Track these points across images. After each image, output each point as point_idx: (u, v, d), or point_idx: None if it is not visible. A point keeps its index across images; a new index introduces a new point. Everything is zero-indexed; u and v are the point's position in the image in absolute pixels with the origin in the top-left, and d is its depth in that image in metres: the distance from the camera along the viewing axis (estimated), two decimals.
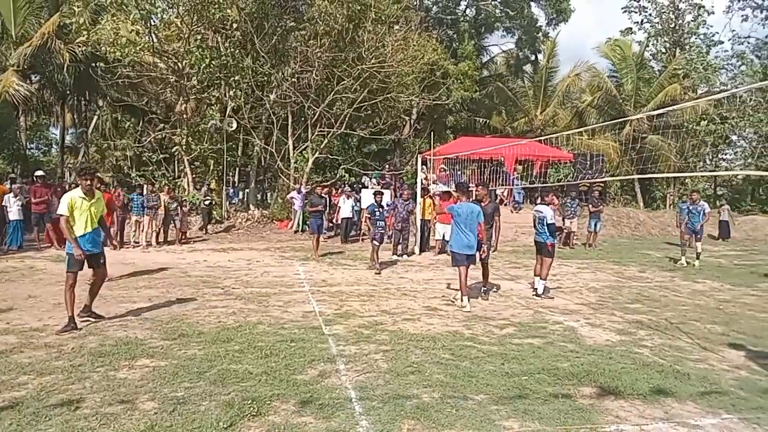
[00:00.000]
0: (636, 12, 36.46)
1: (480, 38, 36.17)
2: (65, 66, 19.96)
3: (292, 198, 18.68)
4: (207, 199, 18.14)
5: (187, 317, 7.01)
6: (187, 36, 18.82)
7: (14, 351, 5.48)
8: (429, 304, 8.22)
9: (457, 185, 9.25)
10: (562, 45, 55.21)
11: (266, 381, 4.78)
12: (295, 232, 18.14)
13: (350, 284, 9.84)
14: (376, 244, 11.65)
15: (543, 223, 8.85)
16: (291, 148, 20.90)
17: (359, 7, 19.53)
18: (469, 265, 8.19)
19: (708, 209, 13.56)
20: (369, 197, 14.23)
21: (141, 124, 25.96)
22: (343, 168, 21.49)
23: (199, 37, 19.29)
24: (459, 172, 20.36)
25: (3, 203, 13.29)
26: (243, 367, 5.13)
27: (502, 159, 22.61)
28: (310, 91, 19.85)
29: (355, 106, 20.10)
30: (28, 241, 13.72)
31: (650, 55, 35.95)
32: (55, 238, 13.56)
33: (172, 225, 15.67)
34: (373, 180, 21.36)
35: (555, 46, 32.68)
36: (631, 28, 36.73)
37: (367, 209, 12.58)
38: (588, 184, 18.44)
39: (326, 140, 20.73)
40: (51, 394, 4.40)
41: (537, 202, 9.82)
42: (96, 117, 30.74)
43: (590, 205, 16.68)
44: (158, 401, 4.32)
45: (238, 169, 25.67)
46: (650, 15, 36.08)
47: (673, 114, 28.06)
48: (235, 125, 20.09)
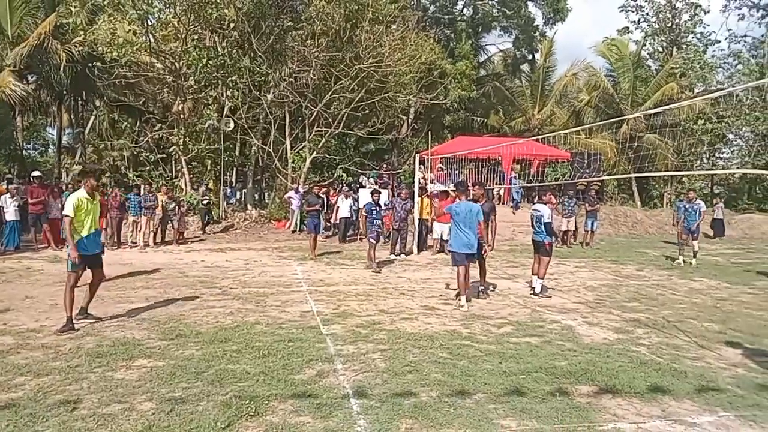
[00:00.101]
0: (633, 11, 36.54)
1: (477, 38, 36.17)
2: (62, 66, 19.91)
3: (289, 198, 18.66)
4: (205, 199, 18.11)
5: (185, 317, 7.00)
6: (184, 36, 18.79)
7: (11, 352, 5.48)
8: (427, 304, 8.22)
9: (457, 184, 9.25)
10: (559, 44, 55.19)
11: (264, 381, 4.78)
12: (293, 231, 18.14)
13: (348, 284, 9.84)
14: (372, 242, 11.67)
15: (540, 222, 8.86)
16: (288, 147, 20.88)
17: (356, 7, 19.51)
18: (470, 265, 8.18)
19: (704, 208, 13.63)
20: (366, 197, 14.24)
21: (138, 124, 25.91)
22: (341, 168, 21.48)
23: (196, 37, 19.25)
24: (456, 172, 20.36)
25: (0, 204, 13.30)
26: (241, 367, 5.12)
27: (500, 158, 22.65)
28: (308, 91, 19.84)
29: (352, 105, 20.10)
30: (25, 242, 13.68)
31: (647, 54, 36.01)
32: (52, 239, 13.55)
33: (169, 225, 15.66)
34: (371, 180, 21.35)
35: (552, 46, 32.73)
36: (628, 28, 36.82)
37: (364, 208, 12.59)
38: (585, 183, 18.46)
39: (324, 140, 20.72)
40: (48, 395, 4.40)
41: (534, 201, 9.82)
42: (93, 117, 30.71)
43: (587, 204, 16.70)
44: (156, 401, 4.31)
45: (235, 169, 25.67)
46: (647, 14, 36.15)
47: (670, 113, 28.12)
48: (232, 125, 20.07)
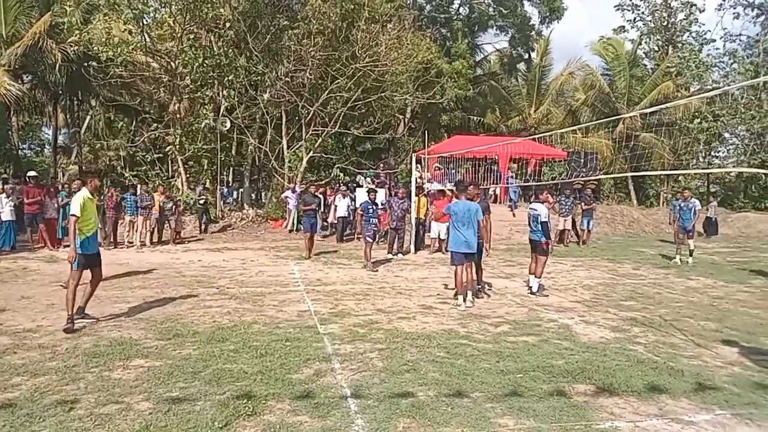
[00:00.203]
0: (629, 10, 36.63)
1: (473, 37, 36.19)
2: (57, 66, 19.85)
3: (286, 197, 18.65)
4: (201, 199, 18.07)
5: (182, 317, 6.99)
6: (179, 35, 18.74)
7: (7, 352, 5.46)
8: (424, 303, 8.22)
9: (456, 184, 9.24)
10: (556, 43, 55.50)
11: (261, 380, 4.77)
12: (290, 231, 18.12)
13: (345, 283, 9.83)
14: (369, 241, 11.68)
15: (537, 222, 8.87)
16: (285, 147, 20.85)
17: (353, 6, 19.50)
18: (471, 264, 8.13)
19: (699, 207, 13.69)
20: (364, 196, 14.25)
21: (134, 123, 25.90)
22: (338, 167, 21.47)
23: (192, 36, 19.20)
24: (453, 171, 20.37)
25: None
26: (238, 366, 5.12)
27: (496, 157, 22.69)
28: (304, 90, 19.80)
29: (349, 105, 20.08)
30: (21, 242, 13.63)
31: (643, 53, 36.10)
32: (48, 239, 13.50)
33: (166, 225, 15.62)
34: (368, 179, 21.34)
35: (548, 45, 32.79)
36: (624, 27, 36.89)
37: (360, 206, 12.60)
38: (582, 182, 18.49)
39: (320, 139, 20.70)
40: (45, 395, 4.38)
41: (531, 201, 9.83)
42: (89, 117, 30.62)
43: (582, 203, 16.73)
44: (153, 401, 4.30)
45: (232, 168, 25.62)
46: (643, 13, 36.25)
47: (666, 112, 28.20)
48: (228, 125, 20.03)
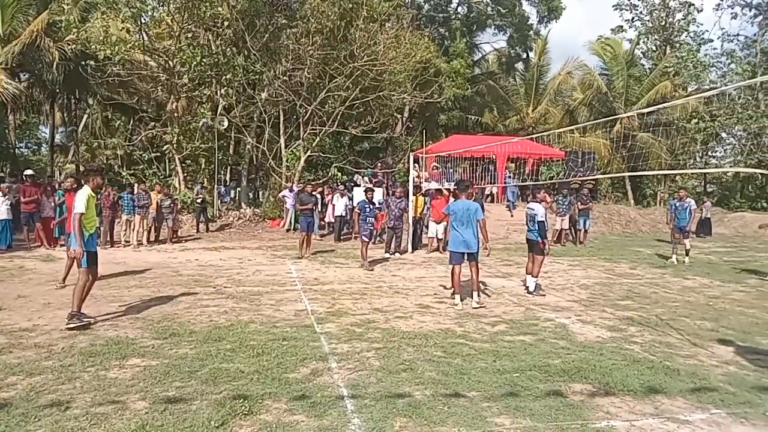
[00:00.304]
0: (627, 10, 36.64)
1: (472, 36, 36.20)
2: (54, 64, 19.79)
3: (284, 196, 18.65)
4: (199, 198, 18.05)
5: (179, 316, 6.98)
6: (177, 34, 18.71)
7: (3, 351, 5.44)
8: (421, 302, 8.23)
9: (457, 183, 9.23)
10: (554, 43, 55.41)
11: (258, 380, 4.77)
12: (288, 230, 18.12)
13: (342, 282, 9.83)
14: (365, 240, 11.68)
15: (534, 221, 8.87)
16: (283, 146, 20.85)
17: (351, 5, 19.49)
18: (473, 263, 8.07)
19: (694, 206, 13.75)
20: (361, 195, 14.26)
21: (131, 122, 25.84)
22: (335, 166, 21.46)
23: (190, 35, 19.17)
24: (451, 170, 20.37)
25: None
26: (235, 366, 5.11)
27: (494, 157, 22.69)
28: (302, 89, 19.80)
29: (347, 104, 20.08)
30: (18, 241, 13.59)
31: (641, 53, 36.13)
32: (45, 238, 13.47)
33: (163, 224, 15.59)
34: (366, 178, 21.35)
35: (546, 44, 32.81)
36: (622, 26, 36.92)
37: (357, 205, 12.60)
38: (579, 182, 18.52)
39: (318, 138, 20.69)
40: (41, 395, 4.37)
41: (529, 200, 9.85)
42: (86, 115, 30.56)
43: (579, 203, 16.76)
44: (149, 401, 4.30)
45: (229, 167, 25.62)
46: (641, 13, 36.26)
47: (663, 112, 28.24)
48: (226, 123, 20.02)
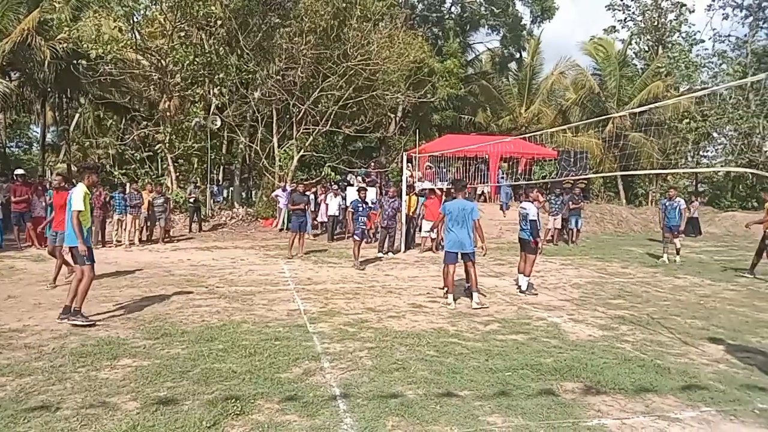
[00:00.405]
0: (620, 10, 36.80)
1: (465, 36, 36.29)
2: (46, 63, 19.62)
3: (276, 196, 18.60)
4: (192, 197, 17.98)
5: (171, 316, 6.95)
6: (170, 33, 18.63)
7: None
8: (414, 301, 8.23)
9: (454, 182, 9.23)
10: (547, 43, 55.73)
11: (250, 380, 4.76)
12: (281, 230, 18.08)
13: (335, 282, 9.82)
14: (357, 239, 11.67)
15: (526, 220, 8.90)
16: (276, 145, 20.80)
17: (344, 4, 19.48)
18: (470, 263, 8.06)
19: (684, 206, 13.85)
20: (354, 195, 14.26)
21: (124, 121, 25.69)
22: (329, 166, 21.44)
23: (183, 34, 19.08)
24: (444, 170, 20.41)
25: None
26: (227, 366, 5.10)
27: (487, 156, 22.74)
28: (295, 89, 19.76)
29: (340, 103, 20.06)
30: (8, 241, 13.49)
31: (633, 53, 36.31)
32: (36, 238, 13.38)
33: (156, 223, 15.51)
34: (359, 178, 21.35)
35: (539, 44, 32.91)
36: (614, 27, 37.09)
37: (350, 205, 12.59)
38: (572, 182, 18.59)
39: (311, 138, 20.67)
40: (30, 396, 4.34)
41: (522, 200, 9.89)
42: (78, 115, 30.33)
43: (570, 202, 16.82)
44: (140, 401, 4.28)
45: (222, 167, 25.52)
46: (633, 13, 36.41)
47: (655, 111, 28.40)
48: (219, 123, 19.95)
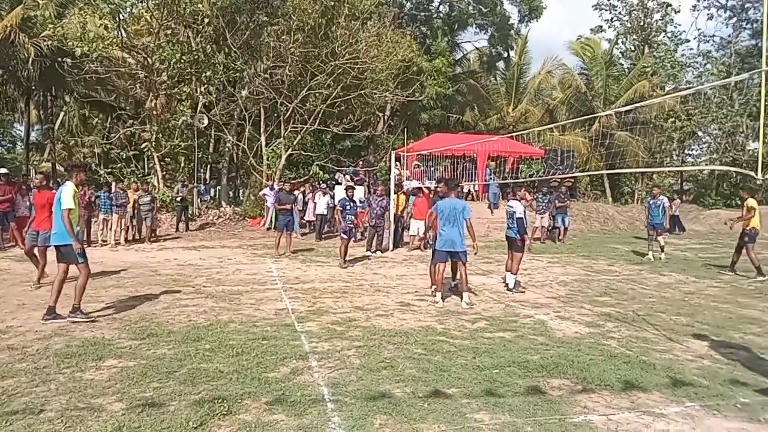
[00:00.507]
0: (606, 10, 37.13)
1: (453, 35, 36.36)
2: (30, 60, 19.39)
3: (264, 195, 18.53)
4: (179, 196, 17.86)
5: (157, 316, 6.90)
6: (157, 31, 18.49)
7: None
8: (402, 300, 8.24)
9: (447, 181, 9.23)
10: (535, 42, 55.81)
11: (237, 379, 4.74)
12: (268, 229, 18.01)
13: (323, 281, 9.81)
14: (344, 238, 11.66)
15: (513, 218, 8.94)
16: (263, 144, 20.72)
17: (333, 3, 19.45)
18: (460, 263, 8.05)
19: (667, 204, 14.01)
20: (342, 194, 14.25)
21: (109, 120, 25.47)
22: (317, 164, 21.40)
23: (170, 31, 18.97)
24: (432, 169, 20.45)
25: None
26: (214, 366, 5.07)
27: (475, 155, 22.82)
28: (283, 87, 19.70)
29: (328, 102, 20.03)
30: None
31: (619, 52, 36.66)
32: (20, 237, 13.19)
33: (142, 222, 15.38)
34: (347, 176, 21.34)
35: (526, 43, 33.06)
36: (601, 26, 37.42)
37: (338, 203, 12.58)
38: (558, 180, 18.70)
39: (299, 136, 20.62)
40: (13, 398, 4.28)
41: (509, 198, 9.94)
42: (63, 113, 30.02)
43: (556, 201, 16.93)
44: (126, 402, 4.24)
45: (209, 165, 25.38)
46: (620, 13, 36.77)
47: (641, 111, 28.68)
48: (206, 121, 19.84)
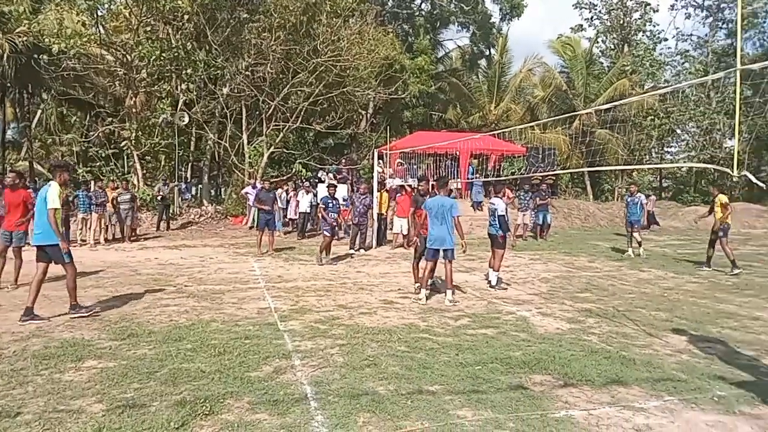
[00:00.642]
0: (586, 8, 37.50)
1: (435, 33, 36.41)
2: (5, 57, 18.99)
3: (246, 193, 18.40)
4: (159, 195, 17.66)
5: (137, 316, 6.82)
6: (136, 27, 18.25)
7: None
8: (386, 298, 8.26)
9: (438, 179, 9.22)
10: (516, 40, 56.24)
11: (219, 379, 4.70)
12: (251, 227, 17.89)
13: (306, 279, 9.78)
14: (327, 236, 11.63)
15: (494, 215, 9.01)
16: (245, 142, 20.57)
17: (314, 0, 19.36)
18: (447, 261, 8.06)
19: (644, 201, 14.25)
20: (325, 192, 14.22)
21: (88, 118, 25.04)
22: (299, 162, 21.31)
23: (149, 28, 18.75)
24: (415, 167, 20.49)
25: None
26: (195, 365, 5.03)
27: (457, 153, 22.91)
28: (265, 85, 19.58)
29: (310, 100, 19.96)
30: None
31: (599, 51, 37.05)
32: None
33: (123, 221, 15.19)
34: (330, 174, 21.27)
35: (507, 42, 33.21)
36: (581, 25, 37.79)
37: (321, 201, 12.55)
38: (540, 178, 18.85)
39: (281, 134, 20.51)
40: None
41: (491, 195, 10.01)
42: (40, 111, 29.44)
43: (537, 198, 17.07)
44: (106, 403, 4.19)
45: (190, 164, 25.13)
46: (600, 12, 37.17)
47: (620, 109, 29.04)
48: (187, 119, 19.64)
